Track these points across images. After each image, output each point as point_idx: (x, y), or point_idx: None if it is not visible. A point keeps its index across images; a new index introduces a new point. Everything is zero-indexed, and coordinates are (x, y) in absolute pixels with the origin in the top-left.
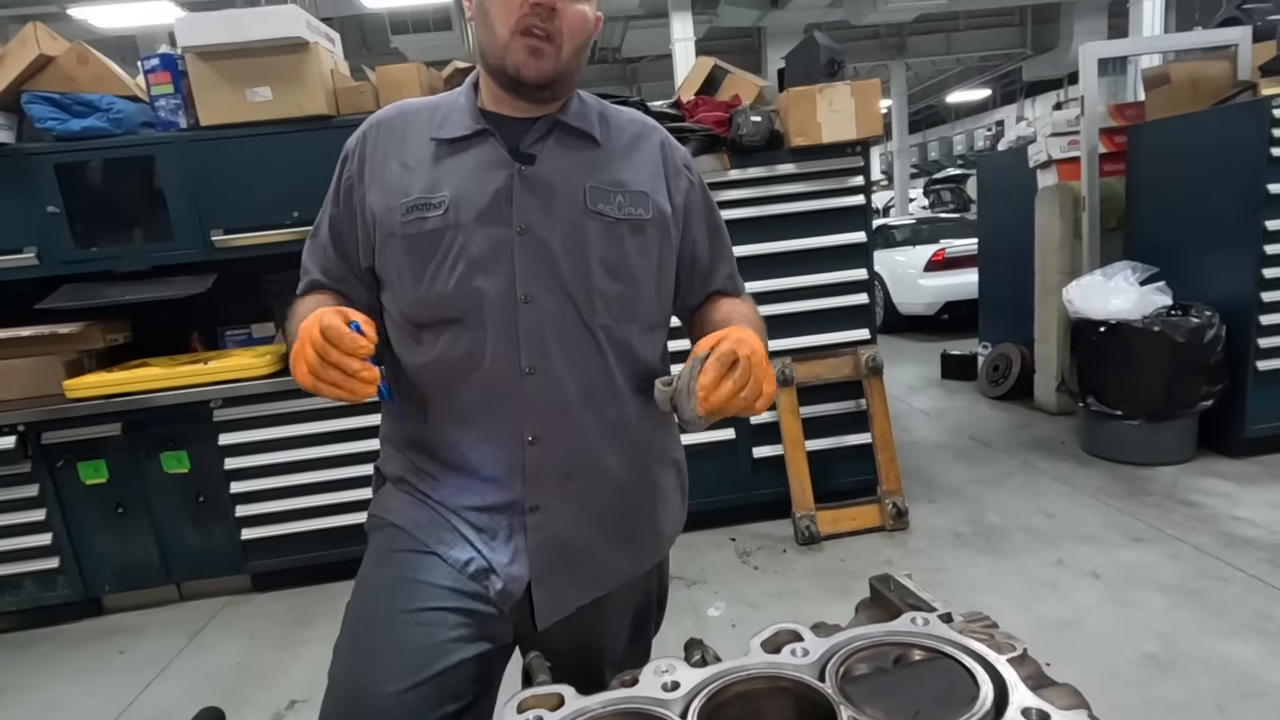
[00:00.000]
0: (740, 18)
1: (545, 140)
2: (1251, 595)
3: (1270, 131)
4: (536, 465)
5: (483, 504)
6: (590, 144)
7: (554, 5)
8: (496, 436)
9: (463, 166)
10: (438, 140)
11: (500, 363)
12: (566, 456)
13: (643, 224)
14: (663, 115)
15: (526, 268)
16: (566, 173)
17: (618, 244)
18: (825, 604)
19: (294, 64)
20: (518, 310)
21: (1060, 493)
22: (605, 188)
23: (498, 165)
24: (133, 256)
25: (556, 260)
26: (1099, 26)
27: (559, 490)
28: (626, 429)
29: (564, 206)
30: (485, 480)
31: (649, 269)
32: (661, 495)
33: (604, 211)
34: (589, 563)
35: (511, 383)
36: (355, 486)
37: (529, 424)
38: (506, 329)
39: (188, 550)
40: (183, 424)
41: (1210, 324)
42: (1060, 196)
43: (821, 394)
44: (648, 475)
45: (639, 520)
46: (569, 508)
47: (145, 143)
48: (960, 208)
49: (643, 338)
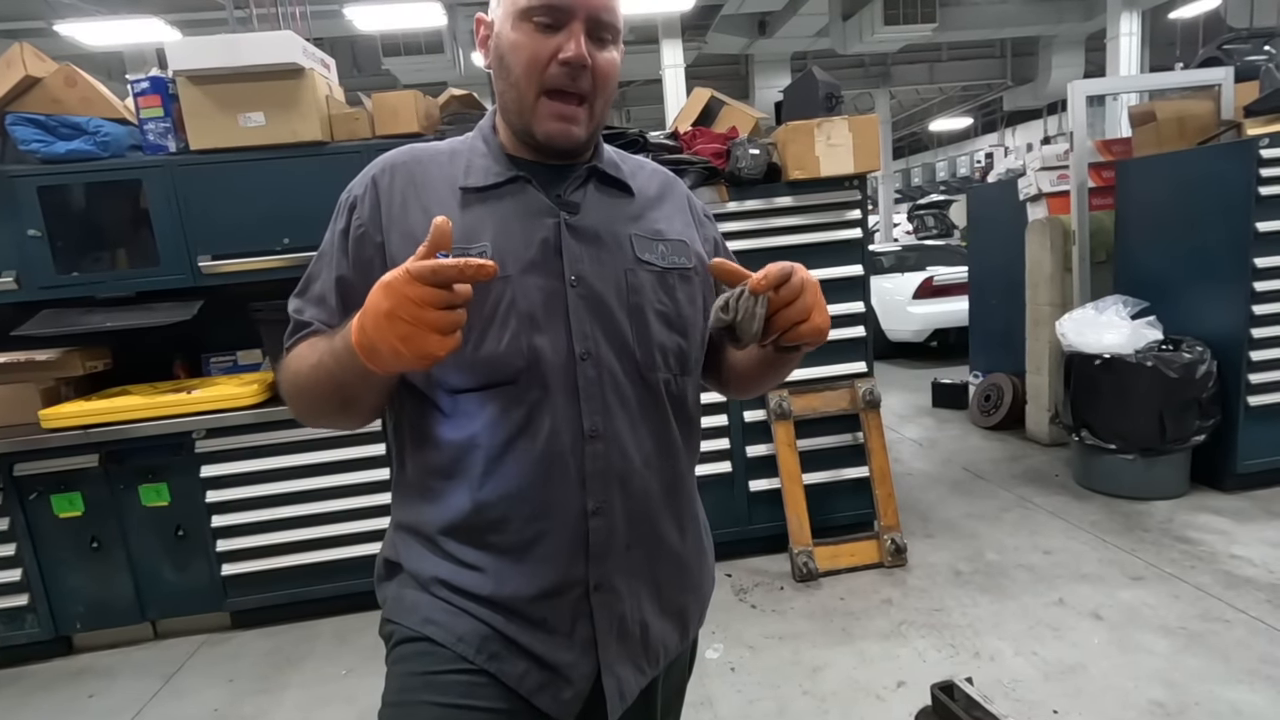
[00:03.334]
0: (729, 45)
1: (585, 188)
2: (1256, 639)
3: (1257, 171)
4: (600, 538)
5: (540, 591)
6: (626, 194)
7: (586, 62)
8: (556, 510)
9: (500, 214)
10: (465, 189)
11: (561, 427)
12: (628, 526)
13: (689, 273)
14: (661, 146)
15: (583, 322)
16: (611, 222)
17: (670, 294)
18: (827, 647)
19: (289, 90)
20: (576, 368)
21: (1057, 528)
22: (648, 237)
23: (541, 213)
24: (116, 282)
25: (613, 313)
26: (1076, 60)
27: (620, 565)
28: (682, 491)
29: (613, 256)
30: (541, 562)
31: (697, 319)
32: (705, 559)
33: (651, 261)
34: (646, 640)
35: (573, 449)
36: (344, 519)
37: (592, 493)
38: (566, 390)
39: (165, 586)
40: (163, 455)
41: (1202, 359)
42: (1050, 230)
43: (819, 427)
44: (697, 539)
45: (689, 590)
46: (629, 583)
47: (132, 166)
48: (944, 233)
49: (694, 391)
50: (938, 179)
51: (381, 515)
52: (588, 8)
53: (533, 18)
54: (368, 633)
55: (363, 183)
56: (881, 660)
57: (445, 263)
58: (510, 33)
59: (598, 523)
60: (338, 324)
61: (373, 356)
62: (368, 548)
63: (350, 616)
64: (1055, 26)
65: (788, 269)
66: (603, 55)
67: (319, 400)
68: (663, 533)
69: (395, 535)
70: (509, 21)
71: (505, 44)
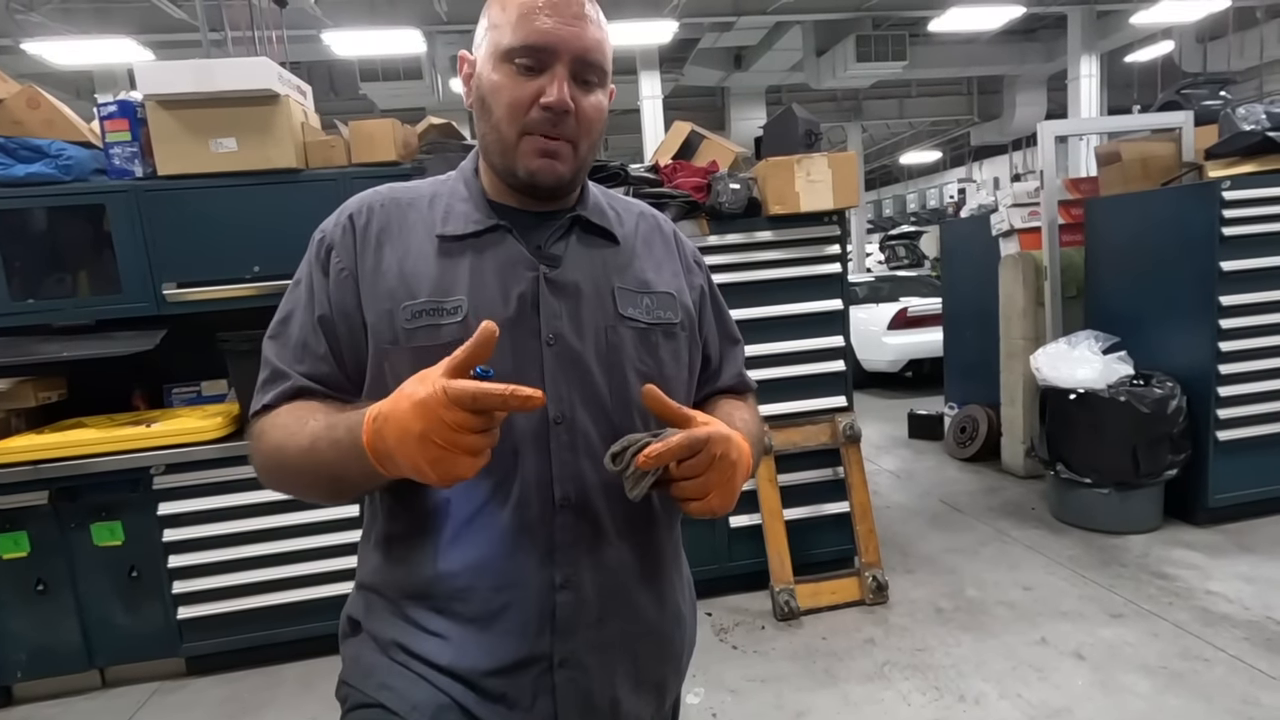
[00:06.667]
0: (705, 78)
1: (567, 238)
2: (1235, 678)
3: (1221, 212)
4: (567, 613)
5: (501, 665)
6: (611, 242)
7: (568, 108)
8: (522, 581)
9: (477, 267)
10: (443, 237)
11: (530, 497)
12: (600, 599)
13: (673, 329)
14: (642, 179)
15: (558, 384)
16: (594, 275)
17: (652, 352)
18: (810, 690)
19: (263, 116)
20: (549, 433)
21: (1036, 563)
22: (632, 289)
23: (519, 266)
24: (75, 310)
25: (591, 373)
26: (1039, 99)
27: (590, 639)
28: (661, 559)
29: (593, 313)
30: (505, 635)
31: (681, 376)
32: (685, 628)
33: (634, 317)
34: (616, 716)
35: (542, 519)
36: (310, 558)
37: (561, 564)
38: (538, 456)
39: (115, 631)
40: (118, 492)
41: (1173, 395)
42: (1023, 265)
43: (799, 462)
44: (676, 609)
45: (668, 660)
46: (599, 658)
47: (96, 191)
48: (915, 263)
49: None
50: (908, 210)
51: (349, 554)
52: (571, 50)
53: (514, 59)
54: (335, 677)
55: (338, 221)
56: (865, 704)
57: (489, 389)
58: (491, 74)
59: (565, 597)
60: (325, 375)
61: (387, 465)
62: (335, 588)
63: (316, 661)
64: (1019, 67)
65: (698, 443)
66: (588, 100)
67: (306, 483)
68: (638, 605)
69: (358, 594)
70: (490, 62)
71: (486, 85)
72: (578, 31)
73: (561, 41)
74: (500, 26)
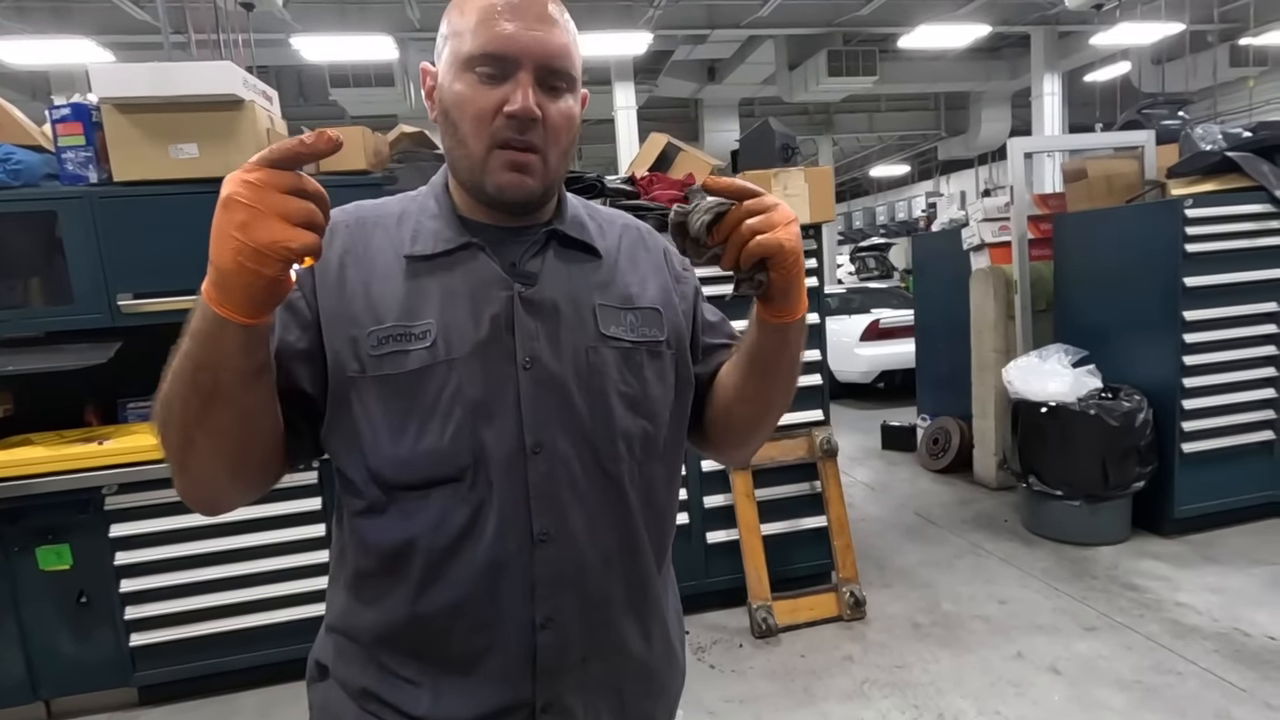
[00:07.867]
0: (679, 89)
1: (544, 254)
2: (1208, 692)
3: (1184, 229)
4: (549, 654)
5: (481, 712)
6: (592, 256)
7: (534, 115)
8: (500, 621)
9: (448, 288)
10: (410, 257)
11: (507, 531)
12: (585, 638)
13: (659, 347)
14: (619, 191)
15: (536, 410)
16: (573, 292)
17: (636, 373)
18: (789, 710)
19: (226, 121)
20: (526, 463)
21: (1010, 576)
22: (615, 306)
23: (492, 285)
24: (23, 321)
25: (571, 398)
26: (1003, 114)
27: (574, 681)
28: (649, 591)
29: (573, 333)
30: (484, 680)
31: (667, 398)
32: (674, 661)
33: (617, 335)
34: None
35: (520, 553)
36: (271, 580)
37: (541, 603)
38: (514, 487)
39: (62, 660)
40: (67, 513)
41: (1140, 408)
42: (994, 279)
43: (776, 476)
44: (666, 643)
45: (656, 696)
46: (584, 699)
47: (47, 197)
48: (884, 274)
49: (663, 479)
50: (878, 222)
51: (314, 575)
52: (535, 56)
53: (475, 68)
54: (296, 705)
55: None
56: None
57: (284, 141)
58: (453, 84)
59: (547, 637)
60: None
61: (222, 285)
62: (298, 611)
63: (277, 688)
64: (984, 83)
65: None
66: (555, 106)
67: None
68: (625, 640)
69: (327, 637)
70: (451, 72)
71: (449, 97)
72: (541, 36)
73: (524, 47)
74: (460, 33)
